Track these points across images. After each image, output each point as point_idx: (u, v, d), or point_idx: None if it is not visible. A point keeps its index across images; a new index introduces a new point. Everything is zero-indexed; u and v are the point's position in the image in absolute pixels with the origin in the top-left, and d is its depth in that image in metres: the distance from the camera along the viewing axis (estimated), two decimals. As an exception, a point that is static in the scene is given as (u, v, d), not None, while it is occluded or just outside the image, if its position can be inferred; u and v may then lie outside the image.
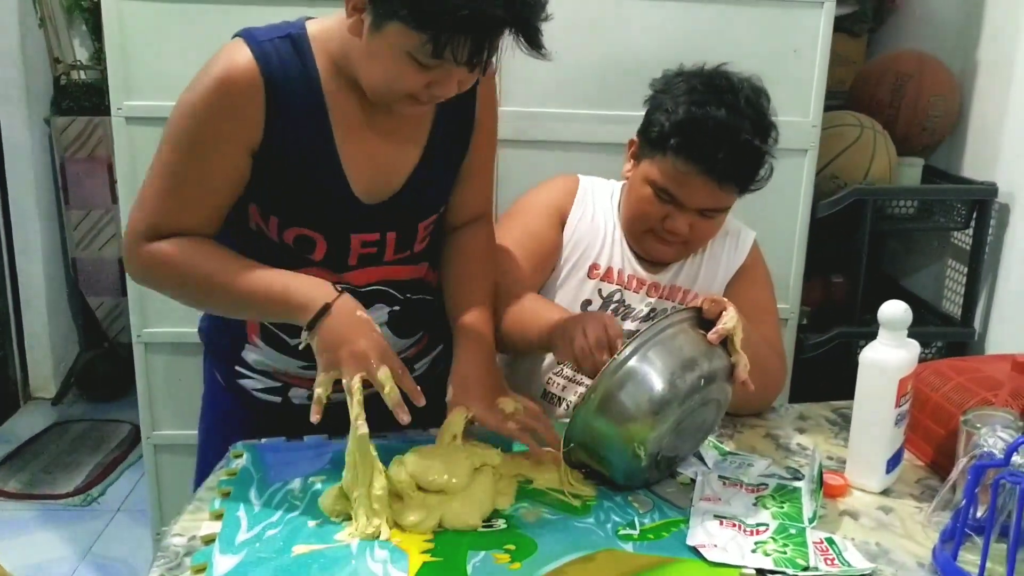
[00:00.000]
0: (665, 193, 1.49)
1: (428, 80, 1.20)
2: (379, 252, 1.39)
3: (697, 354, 1.22)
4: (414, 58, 1.17)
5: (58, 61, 3.26)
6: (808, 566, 1.09)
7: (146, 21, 1.90)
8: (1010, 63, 2.21)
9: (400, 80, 1.20)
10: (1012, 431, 1.16)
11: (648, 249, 1.58)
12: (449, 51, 1.14)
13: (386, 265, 1.41)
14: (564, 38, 1.96)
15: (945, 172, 2.44)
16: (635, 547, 1.14)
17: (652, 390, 1.19)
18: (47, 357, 3.41)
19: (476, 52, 1.15)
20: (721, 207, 1.51)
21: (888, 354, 1.27)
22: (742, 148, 1.42)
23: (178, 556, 1.12)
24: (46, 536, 2.60)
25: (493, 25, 1.14)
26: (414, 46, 1.15)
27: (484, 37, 1.15)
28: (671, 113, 1.45)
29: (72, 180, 3.21)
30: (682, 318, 1.26)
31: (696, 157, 1.42)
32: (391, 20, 1.15)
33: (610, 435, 1.20)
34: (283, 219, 1.32)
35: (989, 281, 2.27)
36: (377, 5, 1.16)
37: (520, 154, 2.01)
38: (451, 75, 1.20)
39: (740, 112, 1.42)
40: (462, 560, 1.09)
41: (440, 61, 1.16)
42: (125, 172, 1.98)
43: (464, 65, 1.17)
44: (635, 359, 1.20)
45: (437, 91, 1.22)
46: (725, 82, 1.46)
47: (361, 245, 1.37)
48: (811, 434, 1.50)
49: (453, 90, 1.23)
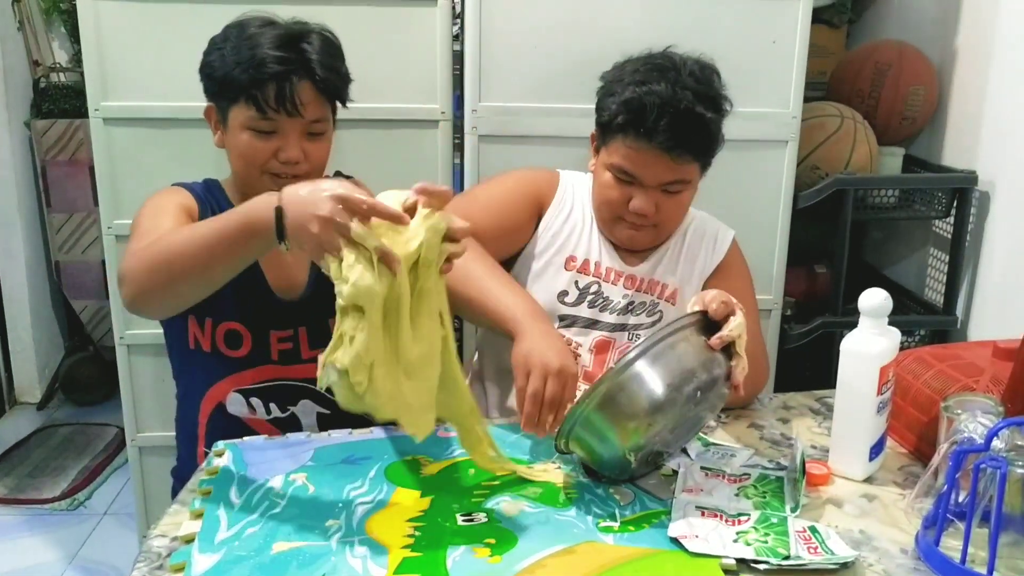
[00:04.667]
0: (623, 174, 1.51)
1: (273, 147, 1.45)
2: (295, 348, 1.56)
3: (697, 365, 1.21)
4: (251, 128, 1.44)
5: (37, 64, 3.24)
6: (789, 555, 1.09)
7: (122, 22, 1.90)
8: (988, 51, 2.22)
9: (252, 155, 1.46)
10: (992, 416, 1.16)
11: (620, 237, 1.59)
12: (262, 100, 1.41)
13: (306, 363, 1.56)
14: (543, 32, 1.97)
15: (925, 161, 2.44)
16: (616, 539, 1.13)
17: (651, 396, 1.18)
18: (31, 362, 3.39)
19: (281, 96, 1.41)
20: (681, 180, 1.51)
21: (869, 342, 1.27)
22: (685, 116, 1.44)
23: (160, 557, 1.11)
24: (33, 541, 2.58)
25: (280, 65, 1.40)
26: (246, 116, 1.43)
27: (283, 82, 1.40)
28: (617, 96, 1.49)
29: (54, 183, 3.19)
30: (688, 323, 1.24)
31: (643, 132, 1.46)
32: (229, 108, 1.45)
33: (605, 432, 1.20)
34: (215, 318, 1.52)
35: (970, 269, 2.28)
36: (218, 103, 1.48)
37: (501, 149, 2.01)
38: (288, 138, 1.45)
39: (681, 84, 1.45)
40: (442, 555, 1.09)
41: (267, 120, 1.42)
42: (104, 173, 1.97)
43: (282, 112, 1.41)
44: (640, 363, 1.19)
45: (284, 156, 1.45)
46: (667, 61, 1.50)
47: (278, 341, 1.55)
48: (795, 423, 1.50)
49: (298, 153, 1.45)
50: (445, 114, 2.00)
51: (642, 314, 1.61)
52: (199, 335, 1.54)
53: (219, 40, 1.48)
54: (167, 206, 1.48)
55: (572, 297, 1.60)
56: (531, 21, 1.97)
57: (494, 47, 1.97)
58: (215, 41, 1.48)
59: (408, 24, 1.95)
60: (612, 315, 1.60)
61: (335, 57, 1.49)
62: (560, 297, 1.60)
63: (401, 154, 2.01)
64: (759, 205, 2.08)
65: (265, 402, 1.56)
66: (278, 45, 1.42)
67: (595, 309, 1.60)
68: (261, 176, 1.47)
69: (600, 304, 1.60)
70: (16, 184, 3.22)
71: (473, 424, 1.25)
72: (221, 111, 1.48)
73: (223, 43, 1.46)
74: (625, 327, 1.61)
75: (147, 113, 1.95)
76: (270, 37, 1.42)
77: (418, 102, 1.99)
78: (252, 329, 1.53)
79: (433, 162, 2.02)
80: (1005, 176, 2.17)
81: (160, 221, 1.43)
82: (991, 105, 2.22)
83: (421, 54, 1.97)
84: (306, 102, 1.43)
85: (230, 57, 1.43)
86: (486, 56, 1.97)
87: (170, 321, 1.54)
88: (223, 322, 1.53)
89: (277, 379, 1.56)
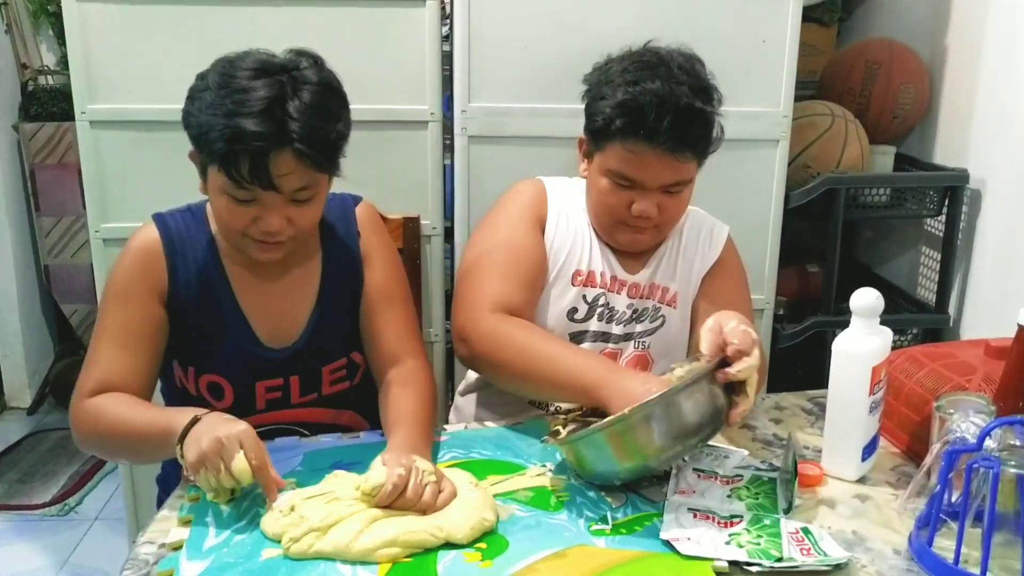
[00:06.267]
0: (624, 179, 1.47)
1: (251, 215, 1.34)
2: (284, 396, 1.51)
3: (704, 420, 1.20)
4: (229, 195, 1.32)
5: (25, 67, 3.23)
6: (782, 557, 1.08)
7: (109, 24, 1.88)
8: (978, 49, 2.22)
9: (230, 219, 1.35)
10: (985, 416, 1.16)
11: (622, 241, 1.56)
12: (235, 172, 1.28)
13: (294, 408, 1.52)
14: (532, 33, 1.97)
15: (916, 159, 2.45)
16: (608, 542, 1.12)
17: (659, 440, 1.18)
18: (21, 366, 3.37)
19: (256, 170, 1.28)
20: (682, 180, 1.48)
21: (860, 342, 1.27)
22: (685, 113, 1.41)
23: (147, 564, 1.10)
24: (23, 547, 2.56)
25: (256, 140, 1.26)
26: (222, 182, 1.31)
27: (258, 155, 1.27)
28: (610, 99, 1.44)
29: (42, 187, 3.17)
30: (708, 369, 1.22)
31: (644, 134, 1.41)
32: (207, 166, 1.33)
33: (608, 455, 1.20)
34: (197, 368, 1.47)
35: (962, 267, 2.28)
36: (199, 155, 1.35)
37: (490, 150, 2.00)
38: (267, 208, 1.33)
39: (675, 79, 1.41)
40: (432, 559, 1.08)
41: (244, 191, 1.30)
42: (91, 177, 1.96)
43: (256, 187, 1.29)
44: (656, 410, 1.17)
45: (264, 226, 1.34)
46: (654, 57, 1.46)
47: (266, 391, 1.49)
48: (787, 424, 1.50)
49: (279, 224, 1.34)
50: (435, 115, 1.99)
51: (645, 320, 1.60)
52: (183, 379, 1.50)
53: (201, 86, 1.33)
54: (128, 289, 1.42)
55: (582, 313, 1.57)
56: (520, 21, 1.96)
57: (483, 48, 1.96)
58: (197, 86, 1.34)
59: (397, 25, 1.94)
60: (619, 326, 1.58)
61: (327, 118, 1.32)
62: (570, 315, 1.57)
63: (391, 155, 2.00)
64: (750, 205, 2.08)
65: None
66: (258, 111, 1.26)
67: (603, 321, 1.58)
68: (242, 239, 1.38)
69: (607, 316, 1.58)
70: (4, 187, 3.20)
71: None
72: (200, 164, 1.37)
73: (203, 92, 1.31)
74: (630, 336, 1.60)
75: (134, 116, 1.93)
76: (252, 99, 1.26)
77: (407, 103, 1.98)
78: (234, 383, 1.48)
79: (423, 163, 2.01)
80: (996, 174, 2.17)
81: (121, 325, 1.41)
82: (982, 103, 2.22)
83: (410, 55, 1.96)
84: (285, 173, 1.29)
85: (205, 118, 1.28)
86: (475, 57, 1.96)
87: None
88: (205, 373, 1.48)
89: (263, 424, 1.46)
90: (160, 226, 1.46)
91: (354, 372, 1.55)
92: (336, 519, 1.11)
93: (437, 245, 2.07)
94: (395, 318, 1.51)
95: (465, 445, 1.39)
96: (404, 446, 1.25)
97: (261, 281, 1.48)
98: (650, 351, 1.60)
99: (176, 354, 1.48)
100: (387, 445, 1.28)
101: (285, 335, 1.49)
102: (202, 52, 1.89)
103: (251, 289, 1.47)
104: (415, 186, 2.01)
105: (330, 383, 1.53)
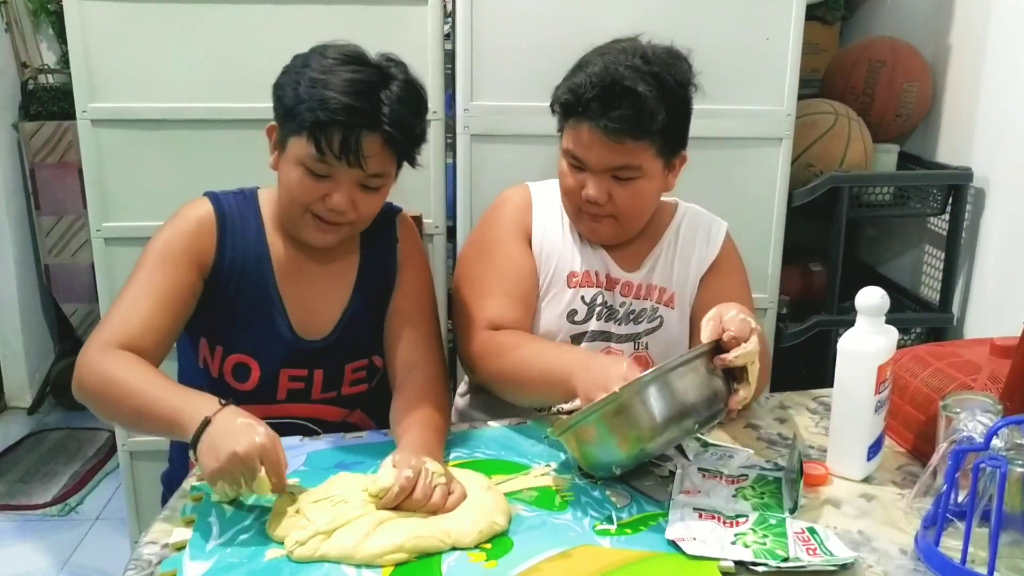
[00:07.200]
0: (573, 159, 1.49)
1: (322, 191, 1.38)
2: (307, 388, 1.52)
3: (700, 401, 1.20)
4: (307, 167, 1.37)
5: (25, 66, 3.22)
6: (788, 556, 1.08)
7: (109, 22, 1.88)
8: (981, 47, 2.21)
9: (301, 192, 1.39)
10: (991, 415, 1.15)
11: (583, 229, 1.57)
12: (325, 143, 1.33)
13: (314, 403, 1.53)
14: (534, 31, 1.96)
15: (920, 158, 2.44)
16: (612, 542, 1.12)
17: (653, 420, 1.17)
18: (21, 366, 3.37)
19: (345, 145, 1.33)
20: (627, 164, 1.46)
21: (866, 341, 1.26)
22: (614, 90, 1.40)
23: (150, 564, 1.09)
24: (24, 547, 2.56)
25: (353, 116, 1.33)
26: (304, 153, 1.35)
27: (351, 132, 1.33)
28: (567, 81, 1.47)
29: (42, 186, 3.16)
30: (702, 351, 1.22)
31: (581, 111, 1.43)
32: (290, 137, 1.38)
33: (605, 439, 1.19)
34: (225, 347, 1.48)
35: (966, 266, 2.27)
36: (281, 127, 1.40)
37: (493, 148, 2.00)
38: (339, 185, 1.38)
39: (623, 63, 1.41)
40: (437, 560, 1.07)
41: (324, 164, 1.35)
42: (92, 175, 1.95)
43: (342, 161, 1.34)
44: (650, 388, 1.17)
45: (331, 203, 1.39)
46: (619, 43, 1.47)
47: (289, 380, 1.50)
48: (792, 423, 1.49)
49: (346, 203, 1.39)
50: (437, 113, 1.99)
51: (643, 321, 1.59)
52: (208, 359, 1.50)
53: (299, 64, 1.39)
54: (170, 249, 1.42)
55: (582, 315, 1.57)
56: (522, 19, 1.96)
57: (486, 46, 1.96)
58: (294, 64, 1.40)
59: (399, 23, 1.94)
60: (618, 325, 1.58)
61: (414, 113, 1.40)
62: (570, 317, 1.57)
63: (393, 154, 1.99)
64: (754, 203, 2.07)
65: None
66: (354, 91, 1.33)
67: (602, 321, 1.58)
68: (303, 214, 1.42)
69: (606, 315, 1.58)
70: (4, 187, 3.19)
71: None
72: (281, 136, 1.41)
73: (301, 69, 1.37)
74: (631, 337, 1.59)
75: (135, 115, 1.93)
76: (347, 81, 1.34)
77: (409, 102, 1.98)
78: (263, 365, 1.49)
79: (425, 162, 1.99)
80: (1000, 172, 2.17)
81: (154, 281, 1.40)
82: (985, 101, 2.22)
83: (412, 53, 1.93)
84: (369, 155, 1.36)
85: (303, 90, 1.34)
86: (478, 55, 1.96)
87: (185, 334, 1.49)
88: (233, 353, 1.48)
89: (281, 417, 1.50)
90: (214, 202, 1.49)
91: (373, 375, 1.57)
92: (342, 522, 1.11)
93: (440, 244, 2.06)
94: (419, 328, 1.53)
95: (469, 445, 1.39)
96: (415, 447, 1.24)
97: (302, 272, 1.50)
98: (649, 352, 1.60)
99: (206, 332, 1.48)
100: (399, 446, 1.28)
101: (318, 327, 1.50)
102: (203, 51, 1.91)
103: (292, 278, 1.49)
104: (417, 185, 2.01)
105: (350, 383, 1.54)
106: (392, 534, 1.09)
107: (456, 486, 1.19)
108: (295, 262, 1.50)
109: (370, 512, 1.13)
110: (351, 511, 1.13)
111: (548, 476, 1.29)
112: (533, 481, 1.27)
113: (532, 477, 1.28)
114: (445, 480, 1.18)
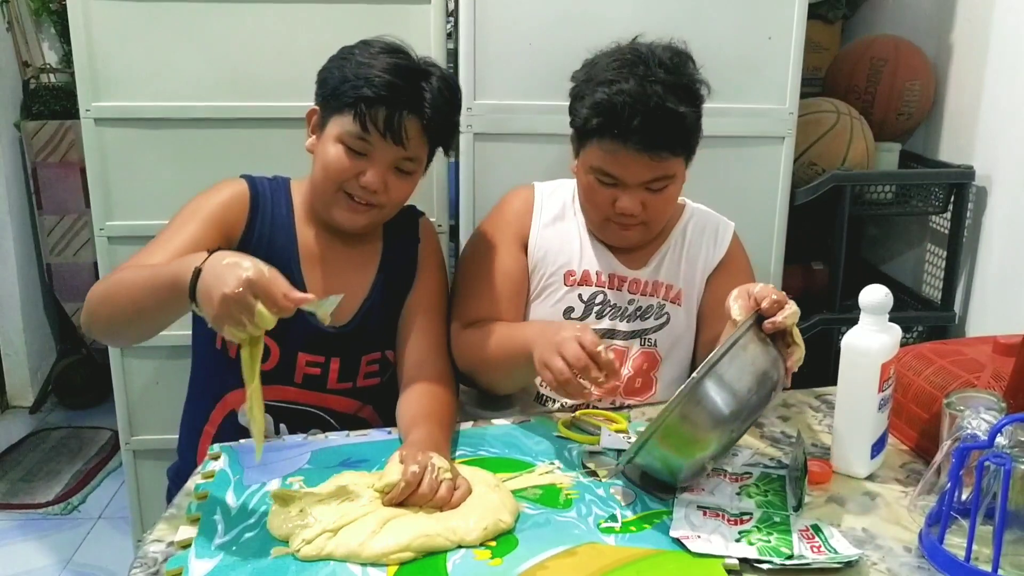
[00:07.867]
0: (605, 176, 1.49)
1: (358, 169, 1.44)
2: (323, 375, 1.54)
3: (768, 365, 1.20)
4: (346, 145, 1.43)
5: (27, 65, 3.22)
6: (792, 554, 1.08)
7: (113, 21, 1.88)
8: (984, 46, 2.21)
9: (337, 168, 1.44)
10: (995, 412, 1.16)
11: (611, 237, 1.58)
12: (369, 120, 1.40)
13: (329, 393, 1.55)
14: (538, 29, 1.96)
15: (922, 156, 2.44)
16: (617, 540, 1.12)
17: (731, 403, 1.16)
18: (23, 365, 3.37)
19: (389, 122, 1.40)
20: (663, 176, 1.48)
21: (870, 339, 1.26)
22: (658, 114, 1.41)
23: (156, 563, 1.09)
24: (27, 546, 2.56)
25: (399, 94, 1.41)
26: (346, 129, 1.42)
27: (394, 110, 1.41)
28: (587, 99, 1.47)
29: (44, 185, 3.17)
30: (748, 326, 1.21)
31: (617, 134, 1.43)
32: (332, 116, 1.44)
33: (681, 449, 1.17)
34: None
35: (968, 264, 2.28)
36: (323, 109, 1.47)
37: (496, 147, 1.99)
38: (375, 164, 1.44)
39: (651, 78, 1.42)
40: (442, 558, 1.08)
41: (363, 140, 1.42)
42: (95, 174, 1.95)
43: (386, 138, 1.41)
44: (718, 369, 1.15)
45: (365, 181, 1.44)
46: (634, 55, 1.47)
47: (306, 364, 1.52)
48: (795, 421, 1.49)
49: (379, 182, 1.44)
50: (439, 112, 1.98)
51: (650, 318, 1.60)
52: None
53: (346, 51, 1.48)
54: (201, 210, 1.46)
55: (579, 312, 1.58)
56: (525, 18, 1.96)
57: (488, 44, 1.96)
58: (342, 51, 1.49)
59: (402, 22, 1.93)
60: (624, 322, 1.59)
61: (451, 105, 1.49)
62: (567, 314, 1.58)
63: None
64: (756, 202, 2.07)
65: (277, 421, 1.53)
66: (400, 75, 1.42)
67: (605, 318, 1.58)
68: (336, 192, 1.47)
69: (610, 313, 1.58)
70: (7, 186, 3.19)
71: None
72: (323, 117, 1.48)
73: (348, 55, 1.46)
74: (637, 333, 1.60)
75: (139, 113, 1.93)
76: (392, 65, 1.43)
77: (412, 101, 1.98)
78: (282, 346, 1.50)
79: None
80: (1002, 171, 2.17)
81: (178, 233, 1.42)
82: (987, 100, 2.22)
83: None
84: (408, 137, 1.43)
85: (350, 70, 1.43)
86: (480, 54, 1.96)
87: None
88: None
89: (296, 402, 1.53)
90: (249, 183, 1.54)
91: (385, 369, 1.59)
92: (348, 520, 1.11)
93: (443, 243, 2.06)
94: (430, 328, 1.55)
95: (473, 443, 1.39)
96: (422, 442, 1.25)
97: (326, 258, 1.54)
98: (657, 349, 1.60)
99: None
100: (406, 441, 1.29)
101: (337, 314, 1.48)
102: (206, 49, 1.91)
103: (316, 263, 1.53)
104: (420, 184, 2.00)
105: (365, 375, 1.57)
106: (398, 533, 1.09)
107: (462, 481, 1.19)
108: (320, 249, 1.54)
109: (376, 510, 1.13)
110: (356, 509, 1.13)
111: (552, 474, 1.29)
112: (537, 479, 1.27)
113: (536, 475, 1.29)
114: (451, 475, 1.18)
